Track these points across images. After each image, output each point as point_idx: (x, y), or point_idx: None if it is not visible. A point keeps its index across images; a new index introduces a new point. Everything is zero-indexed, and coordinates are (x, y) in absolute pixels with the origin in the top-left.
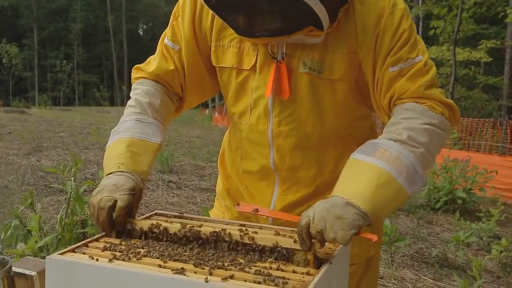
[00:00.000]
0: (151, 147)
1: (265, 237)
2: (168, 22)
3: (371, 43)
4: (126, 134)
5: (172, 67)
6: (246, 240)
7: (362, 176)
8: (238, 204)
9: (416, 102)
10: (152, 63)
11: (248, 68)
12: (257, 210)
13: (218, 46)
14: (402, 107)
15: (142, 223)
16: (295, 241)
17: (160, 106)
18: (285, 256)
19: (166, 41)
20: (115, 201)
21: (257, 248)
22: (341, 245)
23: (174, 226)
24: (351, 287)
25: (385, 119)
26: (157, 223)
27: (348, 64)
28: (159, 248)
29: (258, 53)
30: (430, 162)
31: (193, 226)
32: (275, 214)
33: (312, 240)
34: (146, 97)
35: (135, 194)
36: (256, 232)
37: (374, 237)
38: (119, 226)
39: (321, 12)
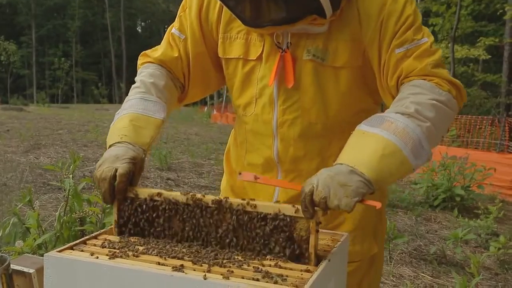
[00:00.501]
0: (154, 122)
1: (267, 205)
2: (166, 19)
3: (375, 29)
4: (130, 110)
5: (176, 54)
6: (249, 208)
7: (367, 145)
8: (240, 174)
9: (424, 79)
10: (158, 50)
11: (255, 58)
12: (258, 178)
13: (225, 38)
14: (410, 84)
15: (144, 191)
16: (296, 211)
17: (164, 88)
18: (287, 224)
19: (173, 30)
20: (116, 170)
21: (259, 216)
22: (339, 242)
23: (176, 194)
24: (354, 285)
25: (390, 103)
26: (158, 192)
27: (352, 52)
28: (158, 245)
29: (264, 44)
30: (436, 138)
31: (195, 195)
32: (277, 182)
33: (315, 208)
34: (150, 78)
35: (136, 164)
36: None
37: (378, 204)
38: (120, 193)
39: (324, 0)
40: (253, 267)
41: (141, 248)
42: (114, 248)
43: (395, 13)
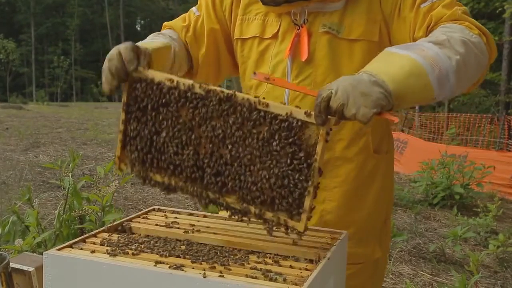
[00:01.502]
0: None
1: (278, 106)
2: (166, 18)
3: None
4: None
5: (184, 24)
6: (260, 107)
7: (395, 61)
8: (254, 73)
9: (454, 23)
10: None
11: (270, 36)
12: (272, 79)
13: (244, 19)
14: (440, 26)
15: (158, 74)
16: (308, 115)
17: (177, 41)
18: (296, 128)
19: (193, 8)
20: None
21: (269, 116)
22: (339, 241)
23: (189, 82)
24: (356, 287)
25: None
26: (171, 78)
27: (368, 24)
28: (157, 243)
29: (281, 23)
30: (464, 76)
31: (208, 85)
32: (292, 86)
33: (328, 116)
34: (163, 32)
35: (140, 50)
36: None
37: (395, 119)
38: (131, 64)
39: None
40: (253, 265)
41: (140, 246)
42: (114, 246)
43: None
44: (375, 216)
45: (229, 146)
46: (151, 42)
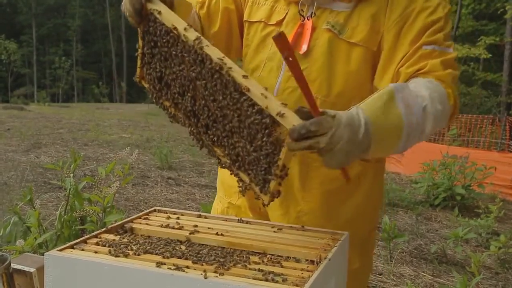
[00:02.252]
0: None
1: (258, 95)
2: None
3: (400, 18)
4: None
5: None
6: (242, 90)
7: (392, 123)
8: (279, 35)
9: (441, 84)
10: None
11: (274, 23)
12: (289, 58)
13: (254, 2)
14: (428, 79)
15: (168, 18)
16: (281, 116)
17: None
18: (268, 123)
19: None
20: None
21: (250, 101)
22: (340, 241)
23: (189, 36)
24: None
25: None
26: (175, 27)
27: (370, 32)
28: (158, 244)
29: (288, 12)
30: (417, 141)
31: (201, 43)
32: (302, 79)
33: (302, 139)
34: None
35: None
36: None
37: (348, 180)
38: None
39: None
40: (254, 266)
41: (141, 247)
42: (115, 247)
43: (426, 10)
44: (357, 225)
45: (217, 109)
46: None
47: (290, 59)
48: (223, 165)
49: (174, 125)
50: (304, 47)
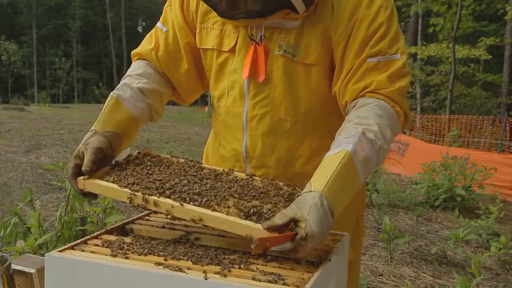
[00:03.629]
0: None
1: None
2: None
3: (346, 30)
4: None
5: (150, 47)
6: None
7: (352, 187)
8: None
9: (388, 103)
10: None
11: (227, 50)
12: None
13: (202, 28)
14: (375, 103)
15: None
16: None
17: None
18: None
19: (158, 23)
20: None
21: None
22: (340, 242)
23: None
24: None
25: (342, 102)
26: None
27: (323, 49)
28: (159, 245)
29: (238, 36)
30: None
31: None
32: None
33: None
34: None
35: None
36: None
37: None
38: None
39: None
40: (254, 267)
41: (142, 248)
42: (115, 248)
43: (367, 19)
44: (344, 219)
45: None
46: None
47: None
48: None
49: (174, 126)
50: (262, 75)
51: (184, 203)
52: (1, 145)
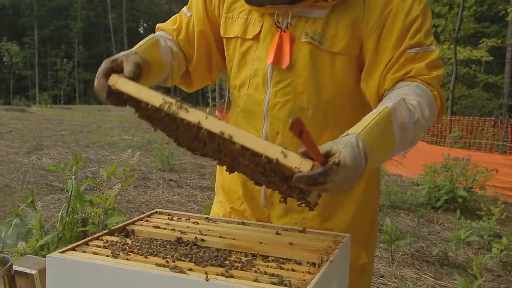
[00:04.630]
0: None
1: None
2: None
3: (378, 22)
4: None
5: (174, 27)
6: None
7: (389, 145)
8: (292, 124)
9: (427, 87)
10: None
11: (251, 37)
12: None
13: (227, 18)
14: (415, 83)
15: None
16: (285, 156)
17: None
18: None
19: (184, 8)
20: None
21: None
22: (341, 244)
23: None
24: None
25: (380, 91)
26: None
27: (351, 39)
28: (160, 246)
29: (263, 24)
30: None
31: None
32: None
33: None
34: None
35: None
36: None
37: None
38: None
39: None
40: (255, 269)
41: (143, 249)
42: (116, 249)
43: (402, 11)
44: (359, 222)
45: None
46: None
47: (303, 135)
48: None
49: None
50: (286, 62)
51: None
52: (2, 146)
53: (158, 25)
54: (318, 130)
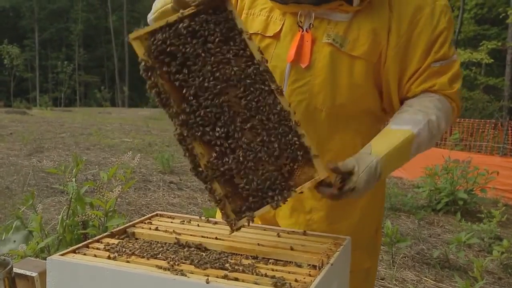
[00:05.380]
0: None
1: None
2: None
3: (405, 32)
4: None
5: None
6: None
7: (404, 155)
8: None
9: (446, 100)
10: None
11: (272, 35)
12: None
13: (249, 14)
14: (439, 98)
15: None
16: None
17: None
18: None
19: None
20: None
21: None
22: (342, 246)
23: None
24: None
25: (400, 97)
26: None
27: (372, 45)
28: (160, 249)
29: (284, 23)
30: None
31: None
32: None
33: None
34: None
35: None
36: None
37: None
38: None
39: None
40: (256, 271)
41: (143, 252)
42: (117, 252)
43: (430, 24)
44: (364, 226)
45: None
46: None
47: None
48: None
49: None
50: (306, 61)
51: None
52: (3, 148)
53: None
54: (329, 133)
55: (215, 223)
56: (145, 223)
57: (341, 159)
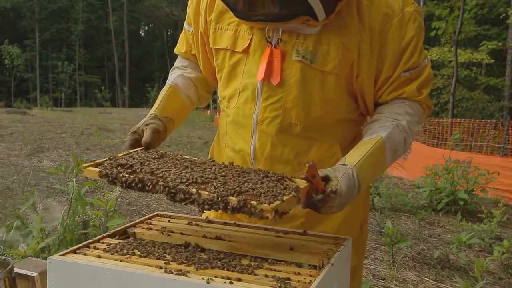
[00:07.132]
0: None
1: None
2: (170, 23)
3: (377, 42)
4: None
5: (184, 50)
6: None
7: (380, 168)
8: (310, 165)
9: (416, 103)
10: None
11: (241, 51)
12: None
13: (217, 28)
14: (409, 103)
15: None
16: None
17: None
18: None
19: (184, 25)
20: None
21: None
22: (342, 246)
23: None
24: None
25: (372, 104)
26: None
27: (342, 59)
28: (161, 249)
29: (252, 37)
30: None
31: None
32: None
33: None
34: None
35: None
36: None
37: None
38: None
39: (315, 3)
40: (257, 271)
41: (144, 252)
42: (117, 252)
43: (398, 33)
44: (348, 226)
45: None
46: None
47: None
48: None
49: (176, 129)
50: (277, 78)
51: None
52: (3, 148)
53: (174, 51)
54: (305, 145)
55: (215, 223)
56: (145, 223)
57: (323, 167)
